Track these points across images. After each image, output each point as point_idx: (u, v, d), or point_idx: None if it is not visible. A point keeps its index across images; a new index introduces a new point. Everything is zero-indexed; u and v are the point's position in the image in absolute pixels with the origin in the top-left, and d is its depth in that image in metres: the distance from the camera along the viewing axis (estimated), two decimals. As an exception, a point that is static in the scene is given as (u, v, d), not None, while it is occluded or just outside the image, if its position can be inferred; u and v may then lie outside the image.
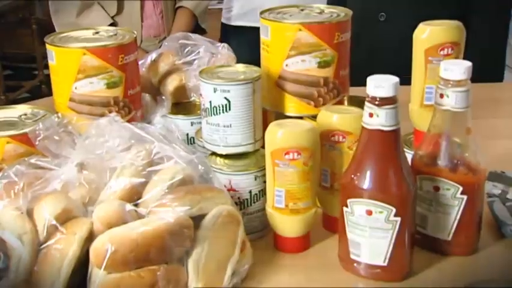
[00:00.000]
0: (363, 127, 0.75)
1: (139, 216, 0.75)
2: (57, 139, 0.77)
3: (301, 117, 0.93)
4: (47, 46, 0.97)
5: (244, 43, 2.03)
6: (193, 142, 1.04)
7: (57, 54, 0.95)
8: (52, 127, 0.78)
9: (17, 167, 0.76)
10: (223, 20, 2.06)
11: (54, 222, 0.71)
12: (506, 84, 1.73)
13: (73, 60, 0.94)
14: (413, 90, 0.90)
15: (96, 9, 1.73)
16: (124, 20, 1.77)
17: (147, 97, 1.07)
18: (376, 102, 0.73)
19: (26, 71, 4.45)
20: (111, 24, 1.74)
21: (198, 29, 1.94)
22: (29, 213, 0.73)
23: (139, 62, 1.05)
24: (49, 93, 3.62)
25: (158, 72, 1.06)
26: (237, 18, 2.01)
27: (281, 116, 0.95)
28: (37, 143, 0.77)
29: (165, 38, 1.85)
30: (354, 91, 1.00)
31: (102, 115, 0.95)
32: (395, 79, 0.74)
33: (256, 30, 1.92)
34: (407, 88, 0.90)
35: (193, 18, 1.92)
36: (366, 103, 0.75)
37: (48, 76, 3.63)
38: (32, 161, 0.78)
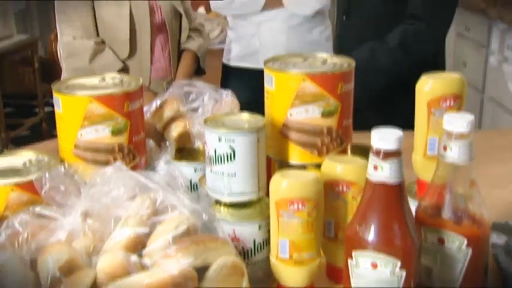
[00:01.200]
0: (367, 179, 0.76)
1: (144, 267, 0.74)
2: (62, 189, 0.77)
3: (304, 166, 0.94)
4: (54, 93, 0.98)
5: (244, 84, 2.06)
6: (197, 188, 1.04)
7: (64, 101, 0.96)
8: (58, 177, 0.78)
9: (21, 217, 0.76)
10: (224, 61, 2.09)
11: (58, 273, 0.71)
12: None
13: (79, 108, 0.95)
14: (416, 141, 0.91)
15: (108, 54, 1.75)
16: (135, 64, 1.80)
17: (151, 143, 1.08)
18: (381, 155, 0.74)
19: (26, 108, 4.47)
20: (122, 68, 1.77)
21: (198, 70, 1.98)
22: (33, 264, 0.73)
23: (145, 108, 1.06)
24: (49, 130, 3.65)
25: (163, 118, 1.07)
26: (236, 60, 2.04)
27: (285, 164, 0.96)
28: (43, 193, 0.77)
29: (171, 79, 1.89)
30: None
31: (106, 162, 0.96)
32: (400, 132, 0.74)
33: (255, 72, 1.97)
34: (408, 134, 0.90)
35: (196, 59, 1.96)
36: (371, 155, 0.75)
37: (48, 113, 3.66)
38: (37, 210, 0.78)
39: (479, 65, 3.28)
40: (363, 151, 0.99)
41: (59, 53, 1.84)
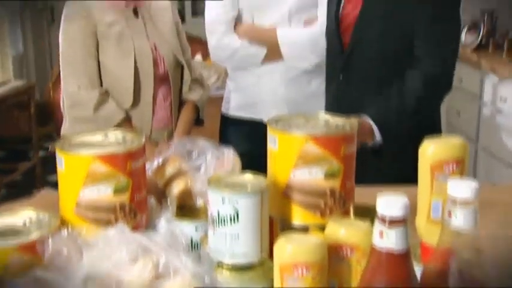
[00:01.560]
0: (372, 246, 0.75)
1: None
2: (65, 253, 0.77)
3: (307, 227, 0.94)
4: (57, 152, 0.98)
5: (243, 134, 2.08)
6: (198, 247, 1.03)
7: (66, 160, 0.96)
8: (61, 240, 0.77)
9: (23, 282, 0.75)
10: (223, 110, 2.11)
11: None
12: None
13: (82, 167, 0.95)
14: (419, 204, 0.91)
15: (111, 104, 1.77)
16: (137, 114, 1.81)
17: (152, 200, 1.07)
18: (386, 223, 0.74)
19: (20, 152, 4.46)
20: (125, 118, 1.78)
21: (197, 120, 1.99)
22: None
23: (147, 165, 1.06)
24: (43, 175, 3.61)
25: (164, 175, 1.07)
26: (235, 110, 2.05)
27: (287, 224, 0.95)
28: (46, 257, 0.76)
29: (172, 130, 1.90)
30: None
31: (108, 221, 0.95)
32: (405, 199, 0.74)
33: (254, 122, 1.98)
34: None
35: (196, 110, 1.98)
36: (376, 221, 0.75)
37: (42, 158, 3.64)
38: (38, 274, 0.77)
39: (473, 115, 3.32)
40: (366, 212, 0.99)
41: (61, 102, 1.85)
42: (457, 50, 1.56)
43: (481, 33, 3.61)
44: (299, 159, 0.92)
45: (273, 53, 1.91)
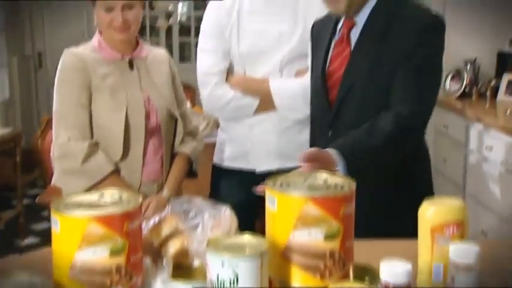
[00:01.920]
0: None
1: None
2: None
3: (307, 290, 0.92)
4: (52, 213, 0.96)
5: (236, 185, 2.06)
6: (195, 309, 1.01)
7: (62, 222, 0.95)
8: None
9: None
10: (214, 160, 2.10)
11: None
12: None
13: (78, 229, 0.93)
14: (420, 266, 0.91)
15: (100, 156, 1.76)
16: (126, 166, 1.81)
17: (147, 261, 1.05)
18: (390, 288, 0.73)
19: (3, 200, 4.39)
20: (114, 170, 1.77)
21: (190, 172, 1.98)
22: None
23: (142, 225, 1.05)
24: (26, 224, 3.52)
25: (160, 235, 1.06)
26: (228, 161, 2.05)
27: (287, 286, 0.94)
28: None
29: (163, 182, 1.88)
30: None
31: (103, 284, 0.93)
32: (408, 266, 0.74)
33: (246, 173, 1.98)
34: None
35: (189, 163, 1.97)
36: (380, 288, 0.75)
37: (26, 206, 3.55)
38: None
39: (460, 163, 3.36)
40: (365, 272, 0.98)
41: (51, 153, 1.83)
42: (435, 98, 1.56)
43: (464, 82, 3.68)
44: (298, 220, 0.92)
45: (266, 103, 1.93)
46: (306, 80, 1.85)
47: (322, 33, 1.67)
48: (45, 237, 2.71)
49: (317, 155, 1.32)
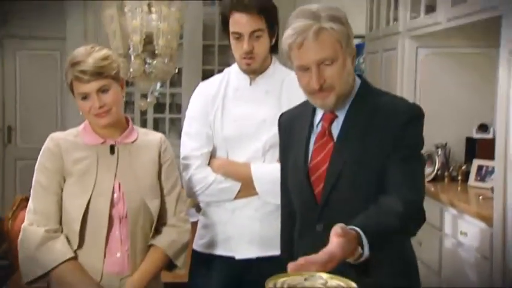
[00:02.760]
0: None
1: None
2: None
3: None
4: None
5: (215, 272, 2.00)
6: None
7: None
8: None
9: None
10: (194, 247, 2.05)
11: None
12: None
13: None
14: None
15: (57, 243, 1.71)
16: (86, 256, 1.74)
17: None
18: None
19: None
20: (71, 258, 1.71)
21: (172, 267, 1.88)
22: None
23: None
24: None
25: None
26: (207, 247, 2.00)
27: None
28: None
29: (129, 275, 1.78)
30: None
31: None
32: None
33: (226, 259, 1.93)
34: None
35: (165, 257, 1.84)
36: None
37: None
38: None
39: (435, 246, 3.35)
40: None
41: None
42: (424, 184, 1.60)
43: (436, 166, 3.76)
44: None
45: (248, 188, 1.91)
46: None
47: (296, 125, 1.67)
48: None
49: (345, 231, 1.25)
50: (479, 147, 3.71)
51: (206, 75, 5.48)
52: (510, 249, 2.62)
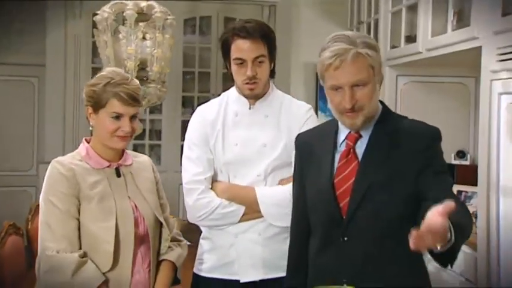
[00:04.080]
0: None
1: None
2: None
3: None
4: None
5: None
6: None
7: None
8: None
9: None
10: (195, 271, 2.06)
11: None
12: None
13: None
14: None
15: (90, 267, 1.70)
16: (115, 276, 1.75)
17: None
18: None
19: None
20: (104, 282, 1.70)
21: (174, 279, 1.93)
22: None
23: None
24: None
25: None
26: (210, 271, 2.01)
27: None
28: None
29: None
30: None
31: None
32: None
33: (229, 282, 1.93)
34: None
35: (174, 270, 1.92)
36: None
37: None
38: None
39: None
40: None
41: (36, 267, 1.74)
42: None
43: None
44: None
45: (252, 211, 1.93)
46: (291, 187, 1.88)
47: (316, 144, 1.75)
48: None
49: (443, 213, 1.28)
50: (458, 173, 3.81)
51: (186, 102, 5.52)
52: (494, 273, 2.69)
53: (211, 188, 1.97)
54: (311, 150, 1.76)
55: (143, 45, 2.97)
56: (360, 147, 1.65)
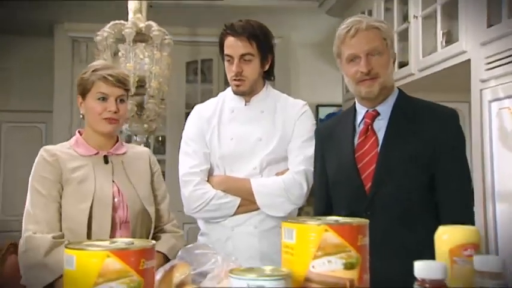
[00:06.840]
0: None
1: None
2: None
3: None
4: (66, 251, 0.94)
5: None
6: None
7: (78, 258, 0.93)
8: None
9: None
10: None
11: None
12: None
13: (95, 264, 0.91)
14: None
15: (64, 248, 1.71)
16: None
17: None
18: (426, 285, 0.75)
19: None
20: None
21: None
22: None
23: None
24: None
25: (172, 282, 1.03)
26: (205, 267, 2.01)
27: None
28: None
29: None
30: None
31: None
32: (444, 264, 0.77)
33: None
34: None
35: (165, 262, 1.90)
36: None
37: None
38: None
39: None
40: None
41: (19, 249, 1.78)
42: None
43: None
44: (318, 249, 0.93)
45: (247, 203, 1.95)
46: (287, 176, 1.91)
47: (336, 129, 1.85)
48: None
49: None
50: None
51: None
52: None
53: (207, 181, 2.00)
54: (331, 132, 1.86)
55: (142, 63, 3.08)
56: (377, 125, 1.74)
